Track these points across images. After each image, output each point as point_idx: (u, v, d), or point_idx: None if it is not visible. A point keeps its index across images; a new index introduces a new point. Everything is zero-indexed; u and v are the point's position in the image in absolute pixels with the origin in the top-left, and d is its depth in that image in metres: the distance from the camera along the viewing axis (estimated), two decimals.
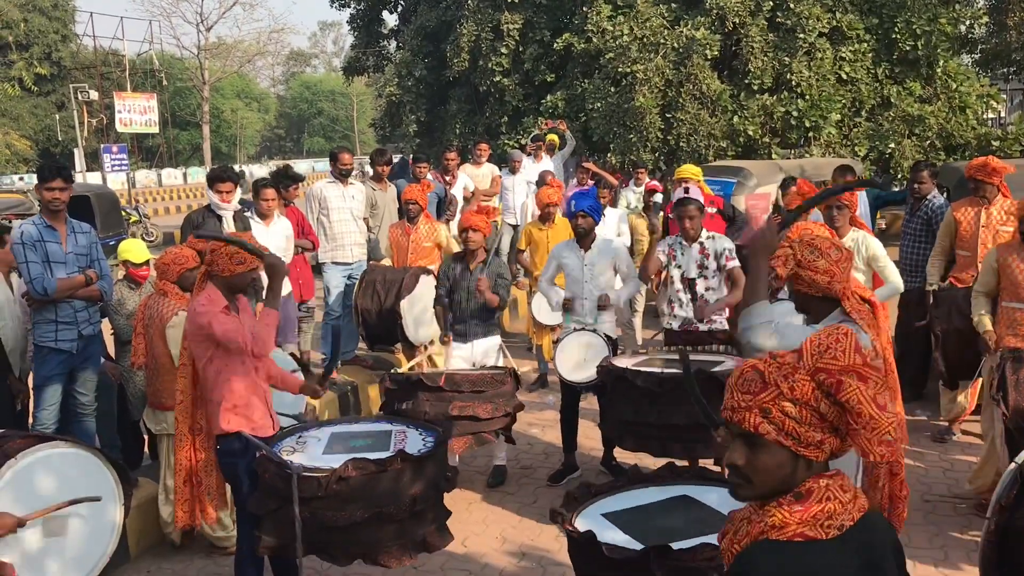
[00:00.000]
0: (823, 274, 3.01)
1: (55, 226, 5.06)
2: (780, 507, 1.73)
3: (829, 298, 3.06)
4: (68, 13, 46.65)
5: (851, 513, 1.73)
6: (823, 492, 1.72)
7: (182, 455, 3.99)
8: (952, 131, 13.73)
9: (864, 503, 1.78)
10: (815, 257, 3.03)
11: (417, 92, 19.09)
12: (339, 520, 3.52)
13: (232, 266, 3.85)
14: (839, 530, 1.71)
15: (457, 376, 5.18)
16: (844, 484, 1.75)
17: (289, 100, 74.61)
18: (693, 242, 5.64)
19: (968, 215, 6.16)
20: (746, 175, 9.74)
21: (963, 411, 6.24)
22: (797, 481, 1.75)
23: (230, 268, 3.85)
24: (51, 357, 5.13)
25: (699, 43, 13.80)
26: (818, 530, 1.70)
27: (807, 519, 1.70)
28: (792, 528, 1.70)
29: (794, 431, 1.73)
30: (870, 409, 1.71)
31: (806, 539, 1.70)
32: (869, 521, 1.77)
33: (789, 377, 1.74)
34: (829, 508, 1.71)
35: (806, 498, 1.72)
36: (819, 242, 3.07)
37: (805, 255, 3.03)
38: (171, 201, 35.67)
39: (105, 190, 16.33)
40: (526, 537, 5.11)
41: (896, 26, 13.84)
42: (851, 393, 1.71)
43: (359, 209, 7.68)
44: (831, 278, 3.01)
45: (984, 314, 5.27)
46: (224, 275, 3.87)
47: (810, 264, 3.02)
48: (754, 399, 1.75)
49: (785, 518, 1.71)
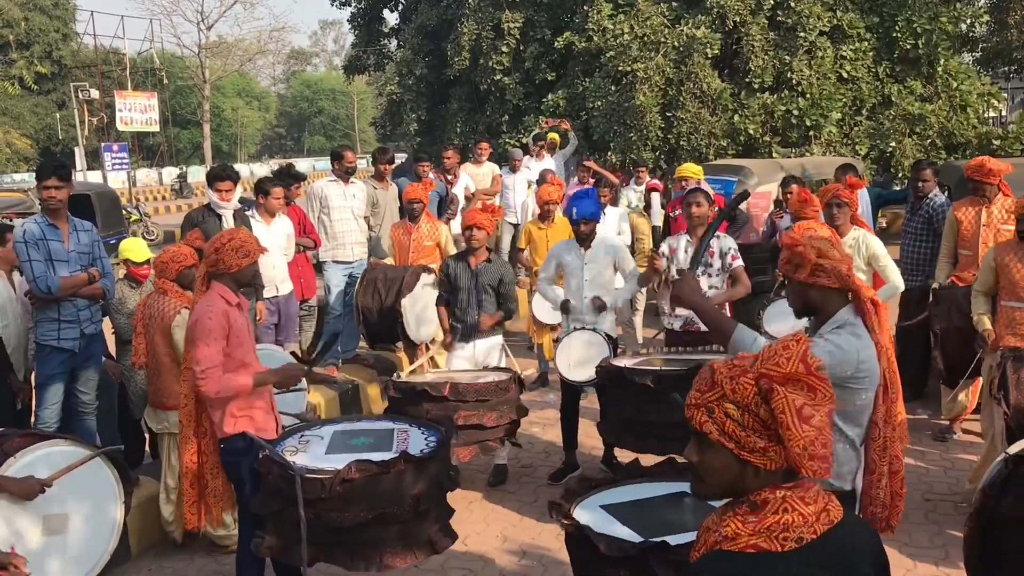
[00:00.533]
0: (842, 262, 2.98)
1: (57, 224, 5.06)
2: (735, 517, 1.71)
3: (839, 294, 3.01)
4: (69, 12, 46.66)
5: (814, 526, 1.68)
6: (779, 503, 1.69)
7: (187, 458, 3.98)
8: (953, 130, 13.72)
9: (836, 515, 1.73)
10: (830, 248, 3.01)
11: (418, 91, 19.09)
12: (343, 521, 3.52)
13: (239, 260, 3.87)
14: (797, 543, 1.66)
15: (461, 385, 5.18)
16: (807, 496, 1.71)
17: (290, 99, 74.60)
18: (693, 236, 5.65)
19: (969, 214, 6.15)
20: (747, 174, 9.73)
21: (964, 410, 6.25)
22: (749, 486, 1.72)
23: (237, 263, 3.87)
24: (53, 356, 5.13)
25: (700, 42, 13.80)
26: (772, 542, 1.66)
27: (760, 530, 1.67)
28: (744, 539, 1.68)
29: (734, 433, 1.70)
30: (791, 420, 1.67)
31: (759, 551, 1.67)
32: (840, 533, 1.72)
33: (734, 379, 1.72)
34: (786, 520, 1.67)
35: (761, 508, 1.69)
36: (823, 232, 3.18)
37: (822, 247, 3.00)
38: (171, 200, 35.66)
39: (106, 189, 16.33)
40: (527, 536, 5.11)
41: (897, 25, 13.84)
42: (778, 401, 1.68)
43: (360, 208, 7.68)
44: (848, 266, 2.98)
45: (983, 313, 5.27)
46: (232, 271, 3.88)
47: (829, 254, 2.97)
48: (702, 397, 1.74)
49: (738, 528, 1.69)
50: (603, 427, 5.28)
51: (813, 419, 1.67)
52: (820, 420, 1.68)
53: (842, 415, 2.90)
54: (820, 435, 1.67)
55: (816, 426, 1.67)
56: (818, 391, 1.70)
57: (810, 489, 1.72)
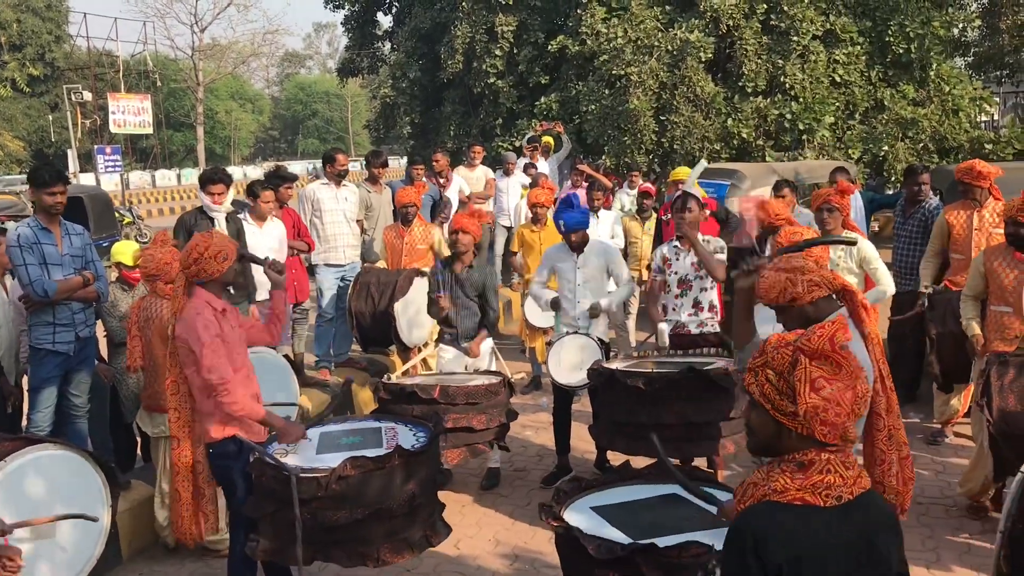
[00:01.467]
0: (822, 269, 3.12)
1: (50, 228, 5.05)
2: (783, 473, 1.91)
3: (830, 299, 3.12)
4: (62, 14, 46.59)
5: (851, 488, 1.90)
6: (824, 464, 1.89)
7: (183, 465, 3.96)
8: (945, 134, 13.75)
9: (866, 483, 1.94)
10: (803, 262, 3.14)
11: (411, 94, 19.07)
12: (339, 519, 3.52)
13: (220, 265, 3.89)
14: (837, 500, 1.88)
15: (451, 388, 5.17)
16: (847, 461, 1.92)
17: (283, 101, 74.56)
18: (687, 243, 5.62)
19: (961, 218, 6.17)
20: (740, 178, 9.74)
21: (956, 413, 6.26)
22: (788, 446, 1.95)
23: (219, 268, 3.89)
24: (48, 359, 5.12)
25: (693, 46, 13.81)
26: (817, 497, 1.87)
27: (807, 486, 1.88)
28: (792, 493, 1.88)
29: (771, 395, 1.94)
30: (801, 387, 1.88)
31: (804, 503, 1.88)
32: (868, 499, 1.94)
33: (777, 349, 1.96)
34: (829, 480, 1.88)
35: (808, 468, 1.90)
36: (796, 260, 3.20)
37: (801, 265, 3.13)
38: (165, 203, 35.60)
39: (98, 191, 16.32)
40: (519, 539, 5.11)
41: (889, 29, 13.86)
42: (799, 370, 1.89)
43: (352, 211, 7.67)
44: (833, 275, 3.12)
45: (972, 318, 5.28)
46: (215, 276, 3.88)
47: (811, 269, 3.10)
48: (753, 362, 1.99)
49: (787, 483, 1.89)
50: (595, 430, 5.28)
51: (824, 390, 1.88)
52: (832, 393, 1.87)
53: None
54: (831, 405, 1.87)
55: (826, 397, 1.87)
56: (843, 367, 1.90)
57: (849, 456, 1.94)
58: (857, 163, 13.46)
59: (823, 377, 1.89)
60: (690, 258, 5.61)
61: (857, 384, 1.90)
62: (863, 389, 1.91)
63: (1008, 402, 4.55)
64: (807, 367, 1.89)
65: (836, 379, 1.89)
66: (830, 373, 1.89)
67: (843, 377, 1.90)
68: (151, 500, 5.20)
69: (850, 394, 1.89)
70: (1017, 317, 5.00)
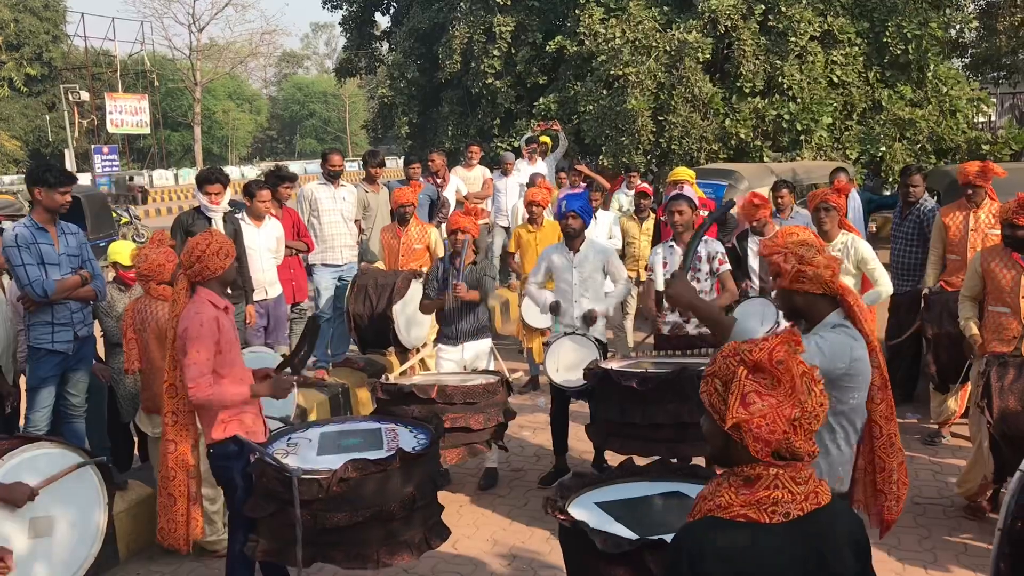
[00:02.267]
0: (826, 268, 2.99)
1: (47, 228, 5.05)
2: (729, 488, 1.86)
3: (827, 298, 3.04)
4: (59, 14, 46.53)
5: (801, 504, 1.83)
6: (772, 480, 1.83)
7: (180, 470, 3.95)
8: (943, 135, 13.77)
9: (824, 498, 1.86)
10: (813, 253, 3.01)
11: (409, 94, 19.09)
12: (340, 521, 3.52)
13: (222, 262, 3.89)
14: (785, 517, 1.81)
15: (449, 388, 5.17)
16: (798, 477, 1.85)
17: (281, 101, 74.53)
18: (681, 242, 5.64)
19: (957, 219, 6.18)
20: (737, 178, 9.76)
21: (953, 414, 6.27)
22: (736, 457, 1.88)
23: (221, 265, 3.89)
24: (47, 359, 5.11)
25: (691, 46, 13.82)
26: (762, 514, 1.81)
27: (752, 502, 1.82)
28: (736, 509, 1.83)
29: (716, 405, 1.90)
30: (732, 398, 1.85)
31: (748, 520, 1.81)
32: (825, 514, 1.86)
33: (727, 358, 1.91)
34: (776, 495, 1.82)
35: (754, 482, 1.84)
36: (806, 237, 3.12)
37: (805, 252, 3.01)
38: (162, 202, 35.57)
39: (95, 191, 16.30)
40: (517, 539, 5.11)
41: (887, 30, 13.89)
42: (734, 382, 1.86)
43: (350, 211, 7.67)
44: (832, 272, 3.00)
45: (970, 318, 5.28)
46: (218, 275, 3.89)
47: (812, 260, 2.99)
48: (706, 369, 1.96)
49: (731, 499, 1.84)
50: (591, 430, 5.28)
51: (753, 405, 1.83)
52: (763, 408, 1.82)
53: (835, 413, 2.94)
54: (763, 421, 1.81)
55: (754, 411, 1.81)
56: (782, 382, 1.84)
57: (802, 471, 1.86)
58: (855, 163, 13.48)
59: (756, 391, 1.84)
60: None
61: (800, 400, 1.83)
62: (813, 405, 1.84)
63: (1009, 403, 4.56)
64: (741, 380, 1.85)
65: (771, 394, 1.84)
66: (766, 387, 1.84)
67: (779, 393, 1.84)
68: (148, 500, 5.19)
69: (789, 410, 1.82)
70: (1015, 318, 5.01)
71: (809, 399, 1.84)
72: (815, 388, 1.86)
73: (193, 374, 3.72)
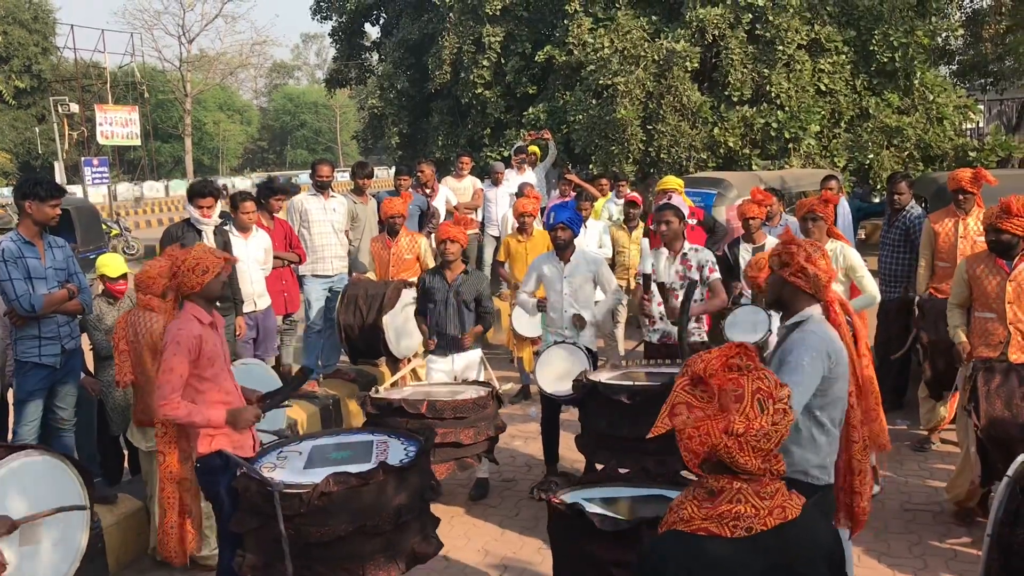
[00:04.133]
0: (823, 272, 3.23)
1: (33, 242, 5.03)
2: (693, 501, 1.86)
3: (809, 297, 3.27)
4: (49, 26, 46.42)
5: (765, 519, 1.81)
6: (734, 493, 1.82)
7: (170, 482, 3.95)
8: (930, 142, 13.85)
9: (792, 513, 1.84)
10: (819, 256, 3.27)
11: (399, 104, 19.11)
12: (323, 536, 3.50)
13: (199, 278, 3.87)
14: (747, 531, 1.79)
15: (439, 403, 5.16)
16: (763, 491, 1.83)
17: (272, 112, 74.42)
18: (672, 251, 5.66)
19: (946, 226, 6.22)
20: (726, 186, 9.79)
21: (942, 421, 6.30)
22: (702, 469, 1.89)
23: (198, 281, 3.87)
24: (34, 372, 5.10)
25: (679, 55, 13.88)
26: (723, 528, 1.80)
27: (713, 516, 1.81)
28: (697, 523, 1.82)
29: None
30: (664, 411, 1.89)
31: (709, 534, 1.80)
32: (794, 528, 1.83)
33: (685, 368, 1.92)
34: (738, 510, 1.81)
35: (717, 496, 1.83)
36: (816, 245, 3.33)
37: (814, 254, 3.26)
38: (152, 214, 35.48)
39: (85, 203, 16.24)
40: (508, 550, 5.10)
41: (874, 38, 13.97)
42: (671, 393, 1.89)
43: (340, 222, 7.67)
44: (828, 278, 3.25)
45: (958, 326, 5.31)
46: (197, 290, 3.87)
47: (815, 261, 3.23)
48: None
49: (693, 512, 1.83)
50: (580, 441, 5.28)
51: (679, 416, 1.85)
52: (688, 420, 1.83)
53: (821, 407, 3.15)
54: (690, 431, 1.83)
55: (678, 424, 1.84)
56: (714, 398, 1.83)
57: (768, 486, 1.84)
58: (843, 171, 13.54)
59: (687, 403, 1.84)
60: (675, 267, 5.63)
61: (747, 416, 1.80)
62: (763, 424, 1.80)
63: (995, 407, 4.60)
64: (677, 390, 1.87)
65: (701, 407, 1.83)
66: (698, 400, 1.84)
67: (710, 407, 1.83)
68: (138, 514, 5.18)
69: (723, 424, 1.80)
70: (1001, 323, 5.04)
71: (760, 417, 1.79)
72: (772, 406, 1.81)
73: (164, 391, 3.72)
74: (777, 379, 1.86)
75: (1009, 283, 4.98)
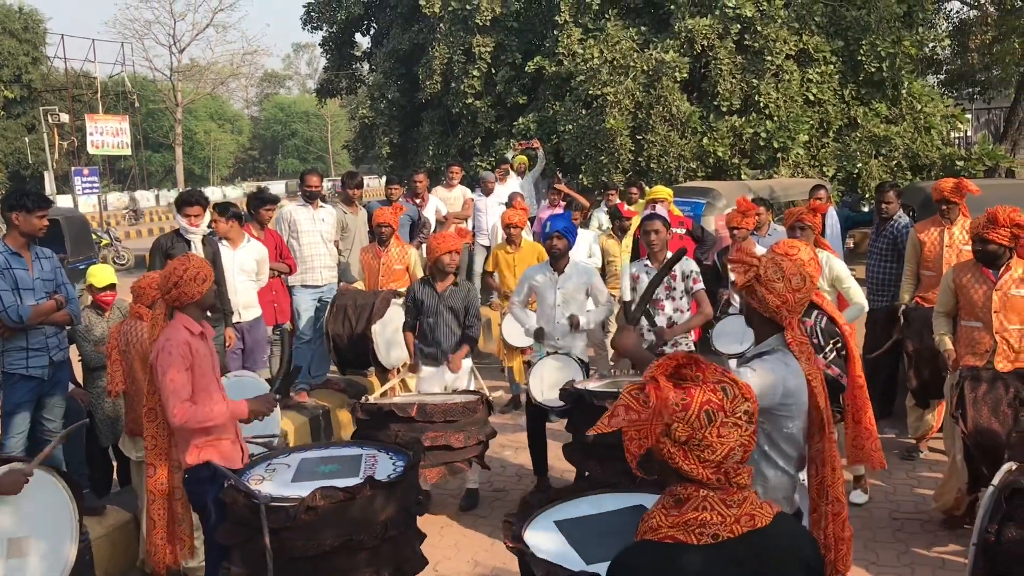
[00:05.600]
0: (776, 296, 2.92)
1: (20, 253, 5.02)
2: (661, 510, 1.86)
3: (773, 322, 2.99)
4: (39, 36, 46.28)
5: (732, 526, 1.80)
6: (700, 501, 1.82)
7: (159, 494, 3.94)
8: (918, 151, 13.94)
9: (762, 521, 1.84)
10: (776, 278, 2.92)
11: (390, 114, 19.16)
12: (309, 550, 3.49)
13: (199, 287, 3.90)
14: (713, 538, 1.79)
15: (429, 406, 5.16)
16: (729, 499, 1.83)
17: (263, 121, 74.35)
18: (656, 262, 5.66)
19: (932, 236, 6.25)
20: (715, 196, 9.83)
21: (930, 429, 6.32)
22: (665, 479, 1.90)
23: (198, 290, 3.89)
24: (21, 384, 5.07)
25: (668, 66, 13.96)
26: (689, 535, 1.80)
27: (679, 523, 1.81)
28: (664, 531, 1.82)
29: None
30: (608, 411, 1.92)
31: (676, 541, 1.80)
32: (765, 536, 1.83)
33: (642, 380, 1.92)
34: (704, 517, 1.80)
35: (683, 504, 1.83)
36: (786, 264, 2.96)
37: (768, 273, 2.93)
38: (143, 224, 35.41)
39: (75, 213, 16.20)
40: (498, 561, 5.10)
41: (861, 48, 14.07)
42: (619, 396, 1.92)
43: (329, 232, 7.67)
44: (782, 303, 2.92)
45: (944, 333, 5.34)
46: (196, 299, 3.89)
47: (767, 283, 2.92)
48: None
49: (660, 521, 1.84)
50: (568, 450, 5.27)
51: (614, 419, 1.89)
52: (620, 422, 1.88)
53: (769, 442, 2.93)
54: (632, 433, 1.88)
55: (612, 424, 1.89)
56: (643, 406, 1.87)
57: (735, 494, 1.84)
58: (831, 180, 13.62)
59: (627, 406, 1.87)
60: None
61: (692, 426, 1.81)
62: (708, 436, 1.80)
63: (982, 415, 4.63)
64: (623, 394, 1.88)
65: (637, 410, 1.86)
66: (637, 404, 1.87)
67: (644, 411, 1.85)
68: (127, 525, 5.16)
69: (660, 428, 1.82)
70: (987, 332, 5.07)
71: (707, 428, 1.80)
72: (720, 419, 1.81)
73: (172, 400, 3.72)
74: (737, 393, 1.85)
75: (995, 292, 5.00)
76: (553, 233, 5.85)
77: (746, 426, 1.83)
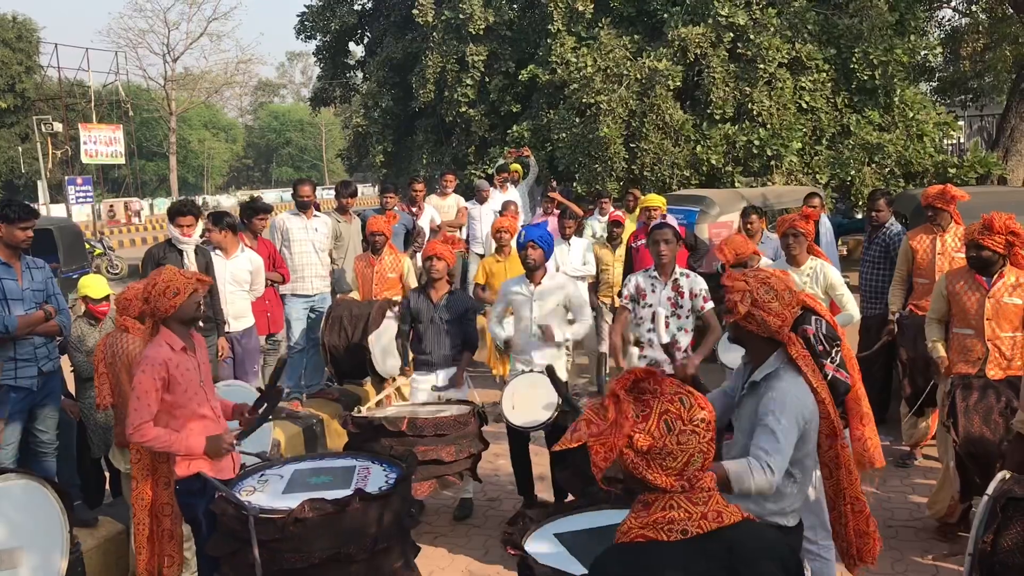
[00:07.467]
0: (775, 316, 3.00)
1: (10, 263, 4.99)
2: (631, 515, 1.92)
3: (774, 341, 3.07)
4: (32, 45, 46.32)
5: (699, 523, 1.86)
6: (666, 501, 1.88)
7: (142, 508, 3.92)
8: (911, 158, 13.97)
9: (731, 519, 1.89)
10: (770, 298, 3.01)
11: (384, 123, 19.17)
12: (299, 562, 3.47)
13: (171, 301, 3.82)
14: (682, 534, 1.85)
15: (419, 420, 5.12)
16: (695, 498, 1.89)
17: (257, 130, 74.41)
18: (663, 275, 5.42)
19: (924, 243, 6.26)
20: (709, 204, 9.85)
21: (924, 436, 6.32)
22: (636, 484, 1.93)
23: (171, 303, 3.82)
24: (11, 395, 5.04)
25: (662, 74, 13.99)
26: (659, 532, 1.86)
27: (649, 523, 1.88)
28: (635, 531, 1.89)
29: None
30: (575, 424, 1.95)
31: (646, 539, 1.87)
32: (734, 532, 1.89)
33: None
34: (672, 515, 1.87)
35: (650, 505, 1.89)
36: (775, 282, 3.05)
37: (761, 294, 3.00)
38: (136, 233, 35.34)
39: (68, 223, 16.15)
40: (492, 571, 5.08)
41: (854, 56, 14.12)
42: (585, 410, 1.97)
43: (321, 241, 7.66)
44: (782, 322, 3.02)
45: (937, 340, 5.34)
46: (170, 313, 3.84)
47: (764, 304, 3.00)
48: None
49: (631, 524, 1.90)
50: (555, 471, 5.18)
51: (576, 433, 1.93)
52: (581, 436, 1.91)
53: (792, 460, 2.99)
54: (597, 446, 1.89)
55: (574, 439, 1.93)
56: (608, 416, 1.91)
57: (700, 493, 1.90)
58: (825, 188, 13.65)
59: (588, 420, 1.92)
60: (666, 292, 5.39)
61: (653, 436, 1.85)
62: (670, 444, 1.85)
63: (973, 423, 4.63)
64: (587, 409, 1.94)
65: (598, 423, 1.90)
66: (596, 419, 1.91)
67: (604, 423, 1.90)
68: (118, 537, 5.13)
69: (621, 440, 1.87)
70: (979, 339, 5.07)
71: (666, 436, 1.85)
72: (679, 426, 1.86)
73: (133, 419, 3.70)
74: (694, 403, 1.89)
75: (988, 300, 5.01)
76: (527, 243, 5.60)
77: (704, 433, 1.89)
